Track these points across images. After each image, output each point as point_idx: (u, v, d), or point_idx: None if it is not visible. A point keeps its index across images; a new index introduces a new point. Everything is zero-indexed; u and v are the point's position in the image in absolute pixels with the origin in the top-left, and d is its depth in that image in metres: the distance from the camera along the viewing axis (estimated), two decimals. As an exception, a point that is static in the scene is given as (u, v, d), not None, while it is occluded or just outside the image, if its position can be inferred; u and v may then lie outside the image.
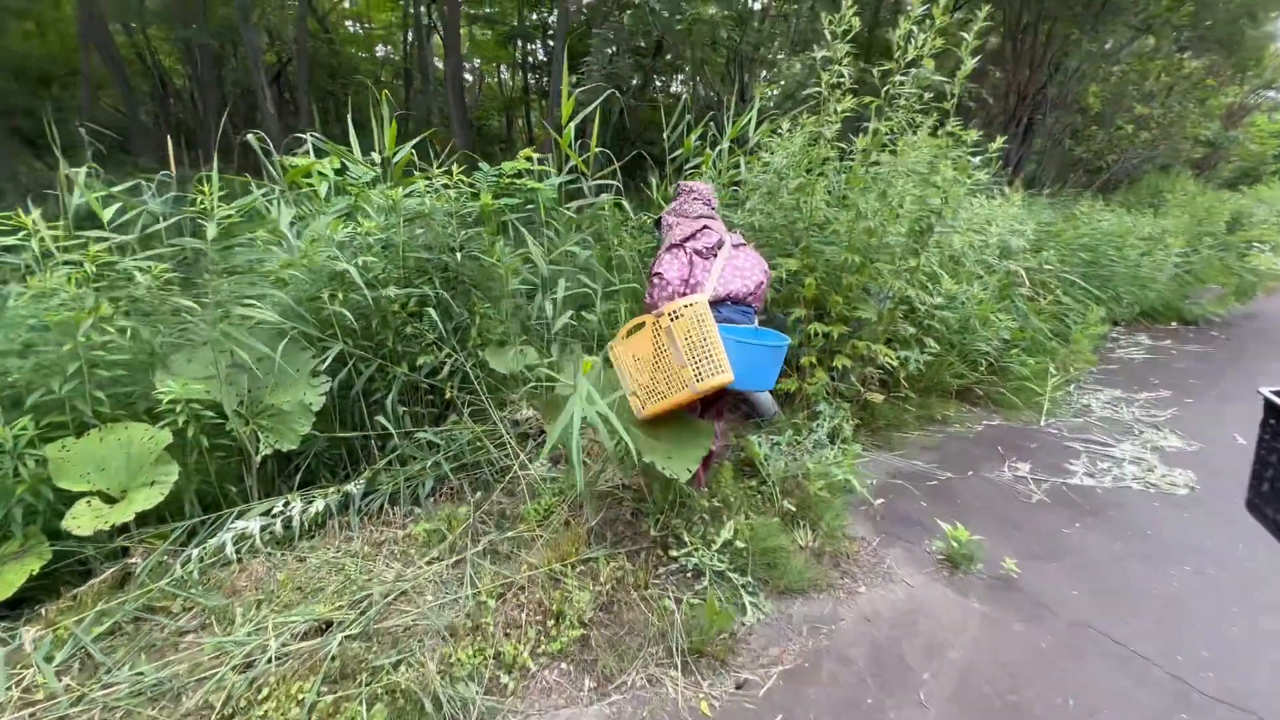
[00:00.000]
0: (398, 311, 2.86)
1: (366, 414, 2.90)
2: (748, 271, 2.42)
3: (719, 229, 2.47)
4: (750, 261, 2.45)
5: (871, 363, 3.30)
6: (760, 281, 2.44)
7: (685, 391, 2.04)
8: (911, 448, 3.51)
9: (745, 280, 2.39)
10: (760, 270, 2.47)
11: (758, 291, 2.43)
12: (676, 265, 2.35)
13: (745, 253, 2.47)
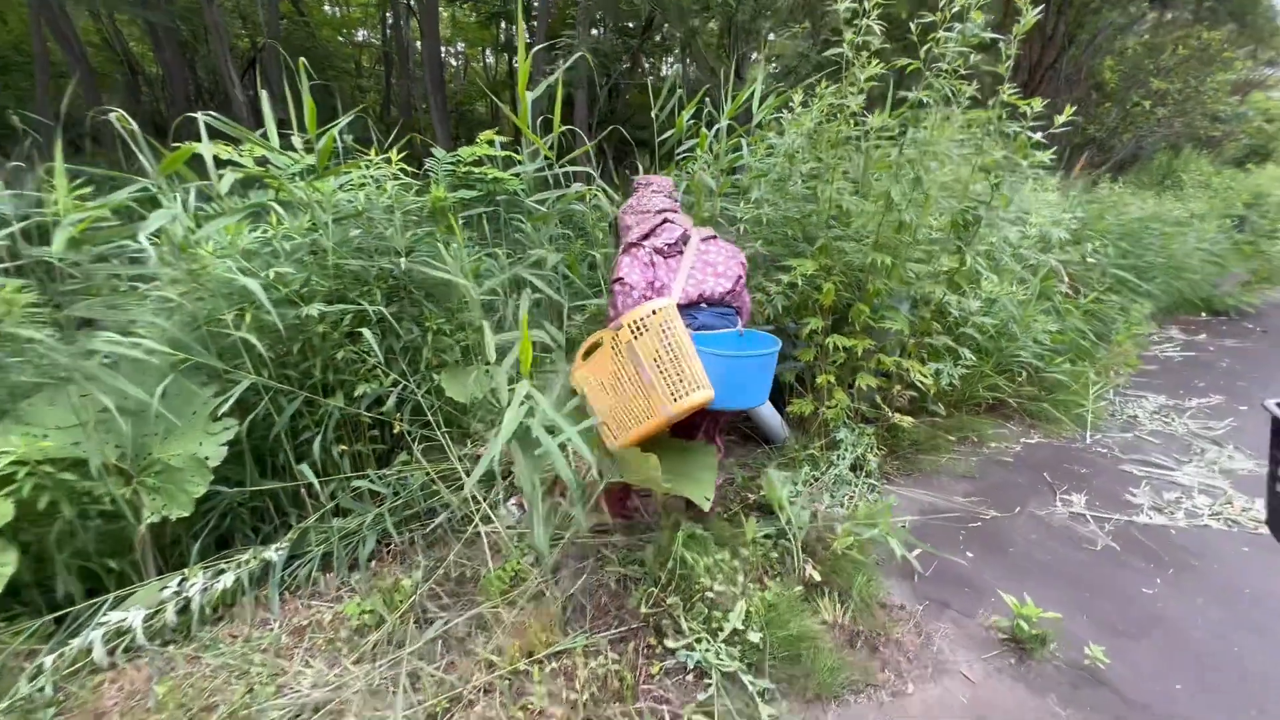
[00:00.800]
0: (327, 333, 2.33)
1: (293, 457, 2.38)
2: (722, 266, 2.06)
3: (682, 221, 2.12)
4: (724, 255, 2.09)
5: (901, 381, 2.80)
6: (738, 276, 2.10)
7: (659, 417, 1.69)
8: (944, 476, 3.02)
9: (720, 277, 2.05)
10: (737, 263, 2.12)
11: (737, 289, 2.09)
12: (639, 267, 1.99)
13: (717, 245, 2.12)
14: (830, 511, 2.49)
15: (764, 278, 2.76)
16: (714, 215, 3.06)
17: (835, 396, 2.73)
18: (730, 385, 1.79)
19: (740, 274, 2.10)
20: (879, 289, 2.51)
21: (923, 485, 2.92)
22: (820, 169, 2.50)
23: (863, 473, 2.75)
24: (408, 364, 2.67)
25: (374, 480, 2.47)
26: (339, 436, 2.55)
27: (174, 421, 1.95)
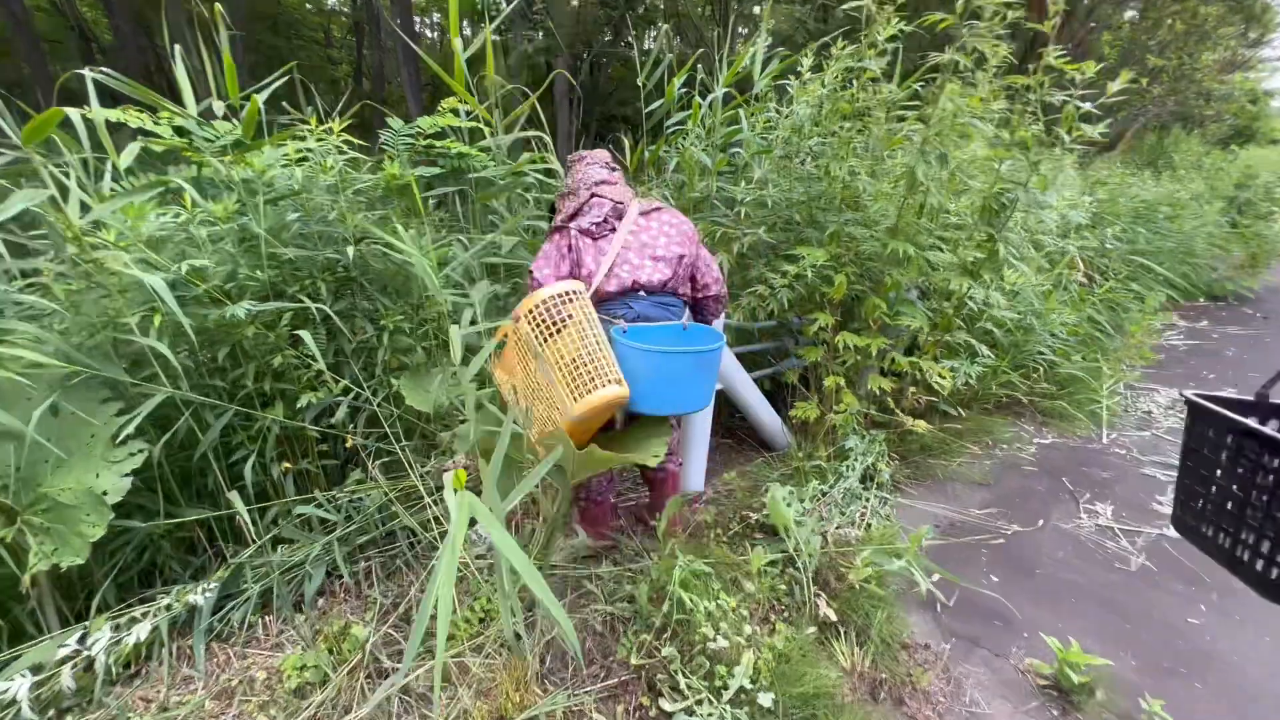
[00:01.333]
0: (259, 335, 1.98)
1: (225, 480, 2.05)
2: (661, 247, 1.76)
3: (616, 194, 1.81)
4: (664, 232, 1.78)
5: (915, 382, 2.54)
6: (678, 256, 1.77)
7: (565, 419, 1.49)
8: (958, 483, 2.78)
9: (659, 261, 1.75)
10: (680, 240, 1.79)
11: (679, 273, 1.79)
12: (553, 257, 1.75)
13: (658, 221, 1.80)
14: (842, 533, 2.23)
15: (766, 267, 2.45)
16: (708, 196, 2.74)
17: (844, 400, 2.46)
18: (655, 384, 1.55)
19: (682, 253, 1.77)
20: (896, 282, 2.22)
21: (937, 495, 2.68)
22: (831, 144, 2.19)
23: (874, 484, 2.49)
24: (361, 368, 2.34)
25: (322, 503, 2.15)
26: (281, 453, 2.22)
27: (57, 452, 1.60)
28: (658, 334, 1.72)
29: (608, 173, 1.88)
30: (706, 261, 1.85)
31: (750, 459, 2.92)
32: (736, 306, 2.43)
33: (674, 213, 1.84)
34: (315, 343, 2.14)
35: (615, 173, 1.89)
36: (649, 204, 1.83)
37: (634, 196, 1.85)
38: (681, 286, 1.81)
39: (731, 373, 2.53)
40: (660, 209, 1.84)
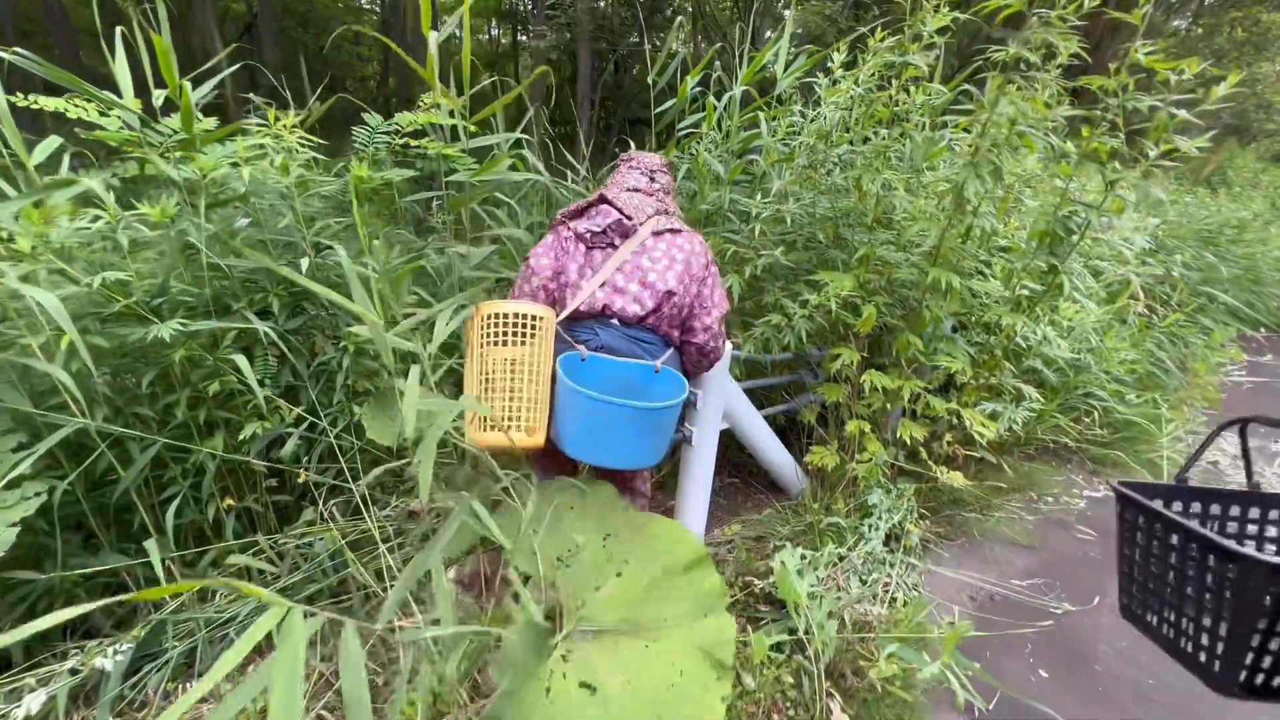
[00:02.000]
0: (194, 358, 1.73)
1: (154, 519, 1.80)
2: (655, 273, 1.53)
3: (635, 207, 1.59)
4: (669, 256, 1.54)
5: (951, 429, 2.20)
6: (669, 292, 1.52)
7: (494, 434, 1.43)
8: (996, 544, 2.43)
9: (645, 289, 1.52)
10: (680, 274, 1.53)
11: (665, 310, 1.54)
12: (553, 249, 1.58)
13: (669, 242, 1.57)
14: (862, 609, 1.91)
15: (782, 292, 2.14)
16: (721, 208, 2.43)
17: (869, 448, 2.13)
18: (583, 428, 1.42)
19: (673, 290, 1.51)
20: (935, 315, 1.89)
21: (972, 559, 2.33)
22: (863, 153, 1.87)
23: (900, 546, 2.15)
24: (321, 393, 2.09)
25: (265, 549, 1.89)
26: (224, 489, 1.97)
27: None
28: (617, 371, 1.49)
29: (645, 181, 1.66)
30: (705, 305, 1.57)
31: (759, 504, 2.60)
32: (749, 337, 2.12)
33: (692, 240, 1.58)
34: (265, 367, 1.89)
35: (654, 184, 1.67)
36: (668, 223, 1.58)
37: (660, 214, 1.60)
38: (664, 324, 1.55)
39: (739, 410, 2.22)
40: (679, 232, 1.58)
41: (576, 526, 1.48)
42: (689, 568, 1.39)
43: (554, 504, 1.50)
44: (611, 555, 1.45)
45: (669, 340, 1.57)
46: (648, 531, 1.49)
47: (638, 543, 1.47)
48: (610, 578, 1.41)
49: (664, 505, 2.54)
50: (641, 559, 1.43)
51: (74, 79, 1.57)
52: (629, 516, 1.50)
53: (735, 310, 2.24)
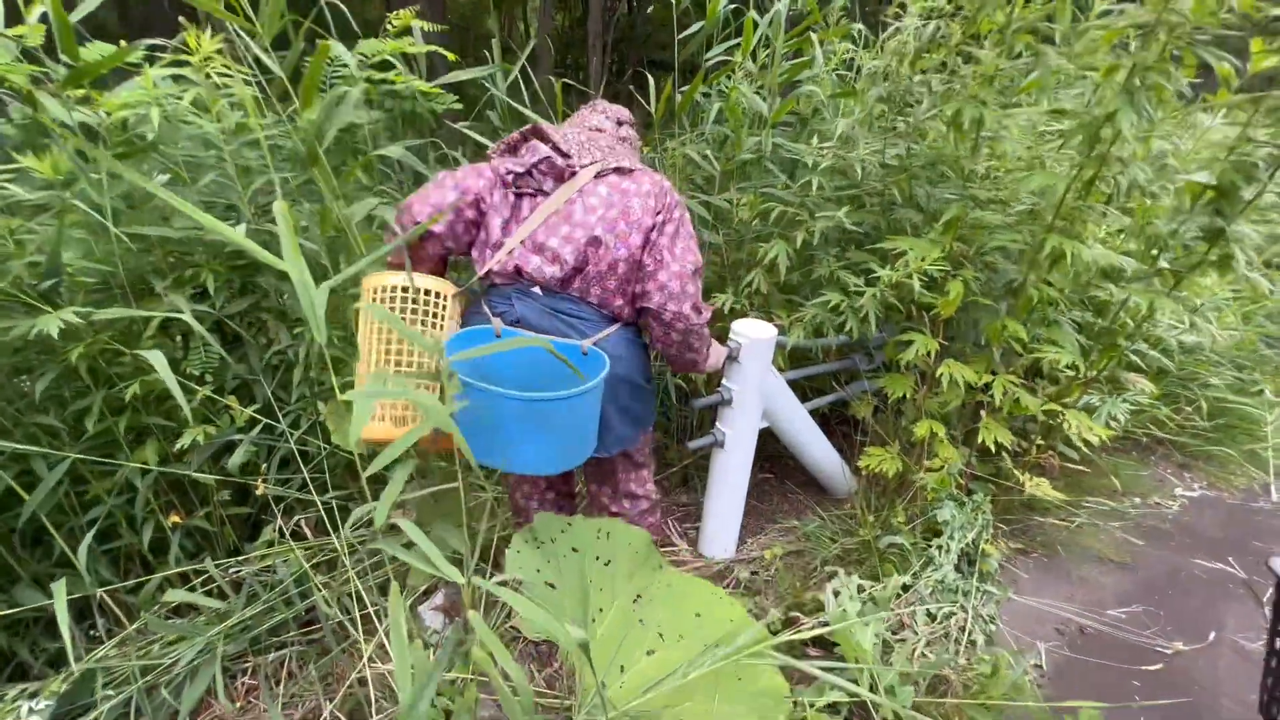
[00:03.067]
0: (96, 351, 1.39)
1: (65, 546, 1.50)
2: (584, 224, 1.21)
3: (579, 142, 1.28)
4: (606, 202, 1.22)
5: (1050, 433, 1.81)
6: (593, 238, 1.21)
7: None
8: (1084, 559, 2.06)
9: (566, 244, 1.21)
10: (616, 219, 1.21)
11: (592, 269, 1.23)
12: (441, 192, 1.25)
13: (610, 184, 1.23)
14: (932, 654, 1.56)
15: (840, 264, 1.72)
16: (761, 157, 1.99)
17: (942, 454, 1.75)
18: (470, 423, 1.01)
19: (595, 235, 1.19)
20: (1048, 297, 1.47)
21: (1056, 579, 1.97)
22: (962, 79, 1.41)
23: (976, 571, 1.79)
24: (279, 388, 1.74)
25: (216, 575, 1.59)
26: (168, 504, 1.66)
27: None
28: (528, 354, 1.13)
29: (609, 125, 1.38)
30: (660, 258, 1.20)
31: (798, 506, 2.25)
32: (795, 321, 1.72)
33: (642, 179, 1.24)
34: (203, 360, 1.54)
35: (619, 128, 1.38)
36: (616, 160, 1.26)
37: (618, 160, 1.27)
38: (597, 289, 1.23)
39: (782, 408, 1.85)
40: (629, 172, 1.25)
41: (600, 578, 1.14)
42: (739, 647, 1.05)
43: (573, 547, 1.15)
44: (643, 624, 1.11)
45: (611, 313, 1.25)
46: (689, 596, 1.15)
47: (675, 610, 1.12)
48: (639, 655, 1.07)
49: (686, 508, 2.21)
50: (680, 633, 1.09)
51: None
52: (667, 576, 1.16)
53: (781, 287, 1.83)
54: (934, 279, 1.60)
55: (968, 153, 1.44)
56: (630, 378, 1.30)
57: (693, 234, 1.24)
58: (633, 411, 1.34)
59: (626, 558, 1.17)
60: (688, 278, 1.20)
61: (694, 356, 1.33)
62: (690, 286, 1.21)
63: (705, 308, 1.26)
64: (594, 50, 8.87)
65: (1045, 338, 1.62)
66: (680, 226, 1.23)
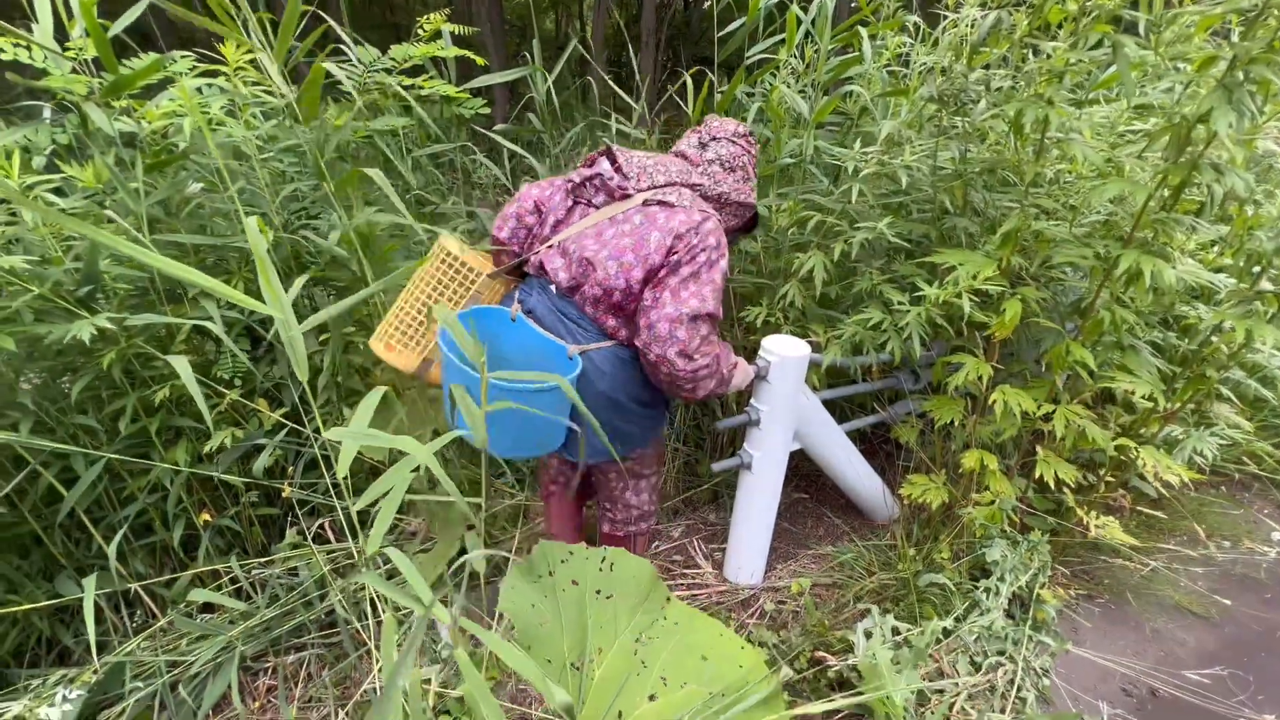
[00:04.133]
0: (129, 353, 1.43)
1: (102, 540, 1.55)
2: (605, 251, 1.25)
3: (643, 166, 1.33)
4: (635, 232, 1.24)
5: (1123, 468, 1.62)
6: (586, 260, 1.26)
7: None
8: (1158, 611, 1.85)
9: (583, 264, 1.27)
10: (612, 247, 1.25)
11: (582, 285, 1.29)
12: (550, 189, 1.40)
13: (649, 216, 1.26)
14: (970, 708, 1.42)
15: (884, 279, 1.59)
16: (802, 160, 1.87)
17: (994, 487, 1.60)
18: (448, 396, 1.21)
19: (588, 257, 1.25)
20: (1120, 320, 1.29)
21: (1123, 632, 1.77)
22: (1027, 76, 1.26)
23: (1029, 618, 1.63)
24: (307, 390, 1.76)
25: (241, 575, 1.63)
26: (200, 502, 1.71)
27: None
28: (534, 342, 1.30)
29: (694, 150, 1.41)
30: (659, 298, 1.20)
31: (833, 532, 2.12)
32: (832, 339, 1.60)
33: (674, 216, 1.24)
34: (233, 365, 1.57)
35: (704, 152, 1.40)
36: (668, 194, 1.28)
37: (686, 186, 1.32)
38: (590, 305, 1.29)
39: (816, 430, 1.73)
40: (672, 207, 1.26)
41: (600, 614, 1.08)
42: (751, 705, 0.96)
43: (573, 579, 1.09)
44: (645, 666, 1.04)
45: (603, 328, 1.29)
46: (695, 636, 1.07)
47: (681, 651, 1.05)
48: (641, 700, 1.01)
49: (713, 527, 2.11)
50: (684, 678, 1.02)
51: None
52: (673, 612, 1.08)
53: (819, 301, 1.71)
54: (989, 296, 1.45)
55: (1031, 157, 1.29)
56: (613, 395, 1.31)
57: (714, 282, 1.22)
58: (616, 429, 1.33)
59: (630, 592, 1.10)
60: (681, 322, 1.18)
61: (685, 395, 1.29)
62: (681, 331, 1.18)
63: (701, 354, 1.22)
64: (646, 47, 8.79)
65: (1118, 364, 1.44)
66: (701, 270, 1.20)
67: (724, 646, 1.09)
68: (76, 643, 1.65)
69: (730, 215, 1.40)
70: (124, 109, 1.48)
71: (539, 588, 1.03)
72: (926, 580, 1.64)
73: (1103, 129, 1.49)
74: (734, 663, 1.07)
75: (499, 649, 0.79)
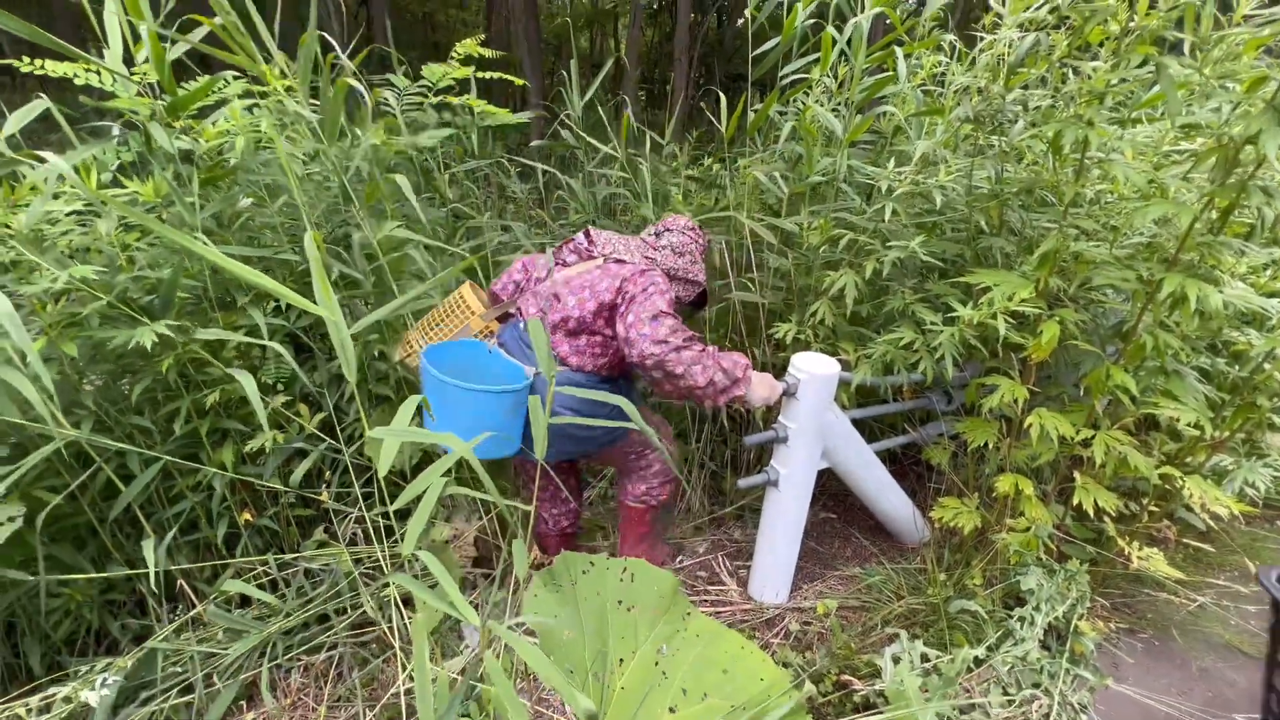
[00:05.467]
0: (186, 358, 1.50)
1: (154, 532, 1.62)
2: (575, 288, 1.56)
3: (609, 240, 1.66)
4: (593, 280, 1.55)
5: (1168, 497, 1.56)
6: (576, 314, 1.54)
7: None
8: (1204, 646, 1.76)
9: (559, 297, 1.57)
10: (583, 291, 1.54)
11: (550, 318, 1.58)
12: (536, 258, 1.77)
13: (607, 269, 1.57)
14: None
15: (917, 298, 1.58)
16: (834, 179, 1.87)
17: (1029, 513, 1.55)
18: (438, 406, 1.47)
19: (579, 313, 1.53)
20: (1163, 345, 1.26)
21: (1167, 669, 1.69)
22: (1066, 96, 1.24)
23: (1066, 650, 1.57)
24: (345, 400, 1.82)
25: (274, 571, 1.68)
26: (242, 501, 1.77)
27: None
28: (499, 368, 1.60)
29: (651, 237, 1.71)
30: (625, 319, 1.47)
31: (861, 552, 2.09)
32: (862, 358, 1.58)
33: (626, 269, 1.55)
34: (278, 370, 1.64)
35: (658, 239, 1.69)
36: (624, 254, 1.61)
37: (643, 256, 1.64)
38: (551, 335, 1.56)
39: (844, 448, 1.71)
40: (623, 263, 1.58)
41: (619, 623, 1.08)
42: None
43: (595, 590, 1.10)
44: (666, 677, 1.04)
45: (557, 353, 1.56)
46: (717, 649, 1.07)
47: (702, 663, 1.05)
48: (662, 711, 1.01)
49: (738, 544, 2.10)
50: (705, 690, 1.02)
51: (33, 29, 1.31)
52: (695, 624, 1.08)
53: (850, 319, 1.71)
54: (1025, 317, 1.43)
55: (1070, 177, 1.26)
56: (560, 407, 1.54)
57: (665, 309, 1.44)
58: (572, 433, 1.58)
59: (651, 602, 1.10)
60: (644, 323, 1.42)
61: (686, 384, 1.43)
62: (647, 329, 1.42)
63: (674, 338, 1.41)
64: (679, 65, 8.89)
65: (1161, 389, 1.40)
66: (651, 293, 1.47)
67: (746, 660, 1.08)
68: (123, 632, 1.72)
69: (681, 288, 1.65)
70: (182, 128, 1.57)
71: (560, 597, 1.04)
72: (958, 606, 1.60)
73: (1146, 149, 1.45)
74: (755, 677, 1.06)
75: (529, 657, 0.81)
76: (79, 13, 1.46)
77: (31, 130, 1.45)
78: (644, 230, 1.75)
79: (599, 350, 1.56)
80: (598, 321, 1.52)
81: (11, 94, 4.81)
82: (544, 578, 1.04)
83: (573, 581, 1.05)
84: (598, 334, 1.54)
